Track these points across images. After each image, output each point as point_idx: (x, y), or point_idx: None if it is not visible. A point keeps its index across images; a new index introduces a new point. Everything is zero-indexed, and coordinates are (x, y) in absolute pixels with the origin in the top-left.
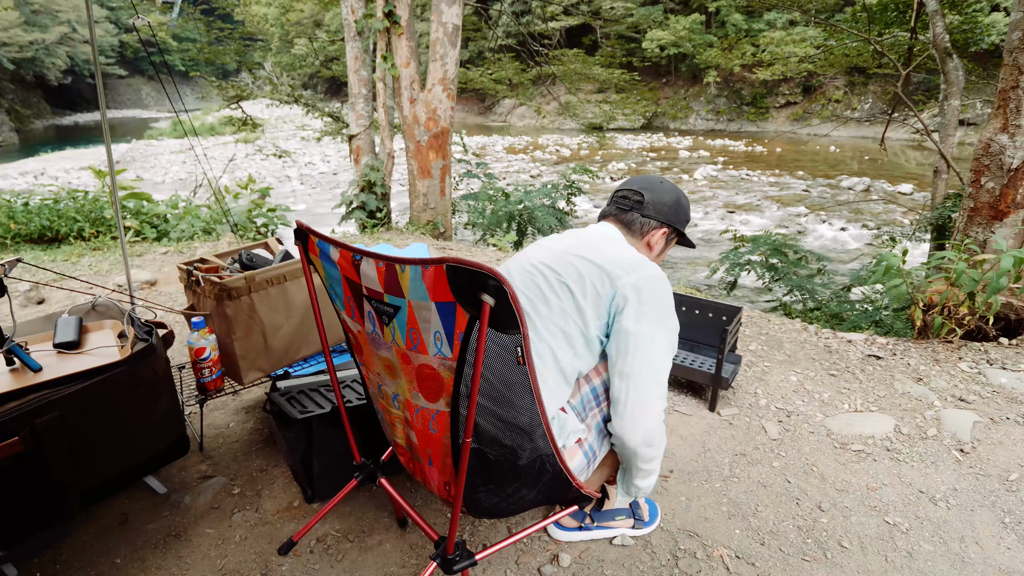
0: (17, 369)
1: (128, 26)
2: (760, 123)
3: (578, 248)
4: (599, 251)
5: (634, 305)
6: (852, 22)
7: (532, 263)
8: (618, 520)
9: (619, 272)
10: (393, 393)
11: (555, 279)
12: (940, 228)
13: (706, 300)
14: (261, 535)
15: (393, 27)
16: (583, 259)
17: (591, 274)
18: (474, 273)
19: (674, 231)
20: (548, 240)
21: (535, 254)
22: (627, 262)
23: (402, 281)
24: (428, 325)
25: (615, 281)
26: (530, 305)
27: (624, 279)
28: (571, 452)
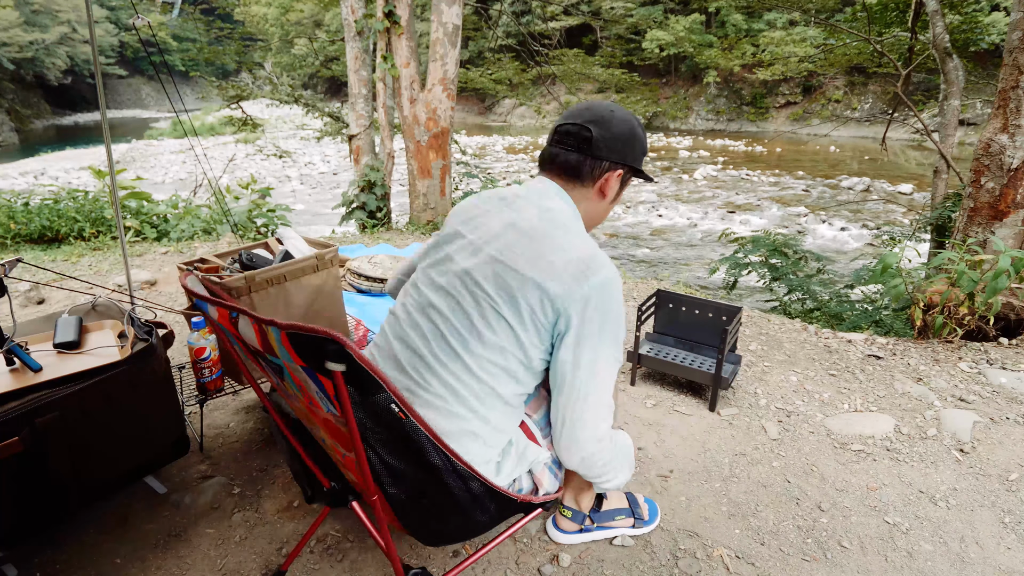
0: (17, 369)
1: (128, 26)
2: (760, 123)
3: (512, 252)
4: (538, 255)
5: (576, 328)
6: (852, 22)
7: (458, 278)
8: (618, 520)
9: (561, 291)
10: (321, 438)
11: (489, 307)
12: (940, 228)
13: (706, 300)
14: (261, 535)
15: (393, 27)
16: (518, 275)
17: (530, 298)
18: (312, 339)
19: (630, 170)
20: (471, 225)
21: (459, 262)
22: (572, 273)
23: (271, 342)
24: (308, 385)
25: (557, 303)
26: (460, 342)
27: (567, 299)
28: (542, 472)
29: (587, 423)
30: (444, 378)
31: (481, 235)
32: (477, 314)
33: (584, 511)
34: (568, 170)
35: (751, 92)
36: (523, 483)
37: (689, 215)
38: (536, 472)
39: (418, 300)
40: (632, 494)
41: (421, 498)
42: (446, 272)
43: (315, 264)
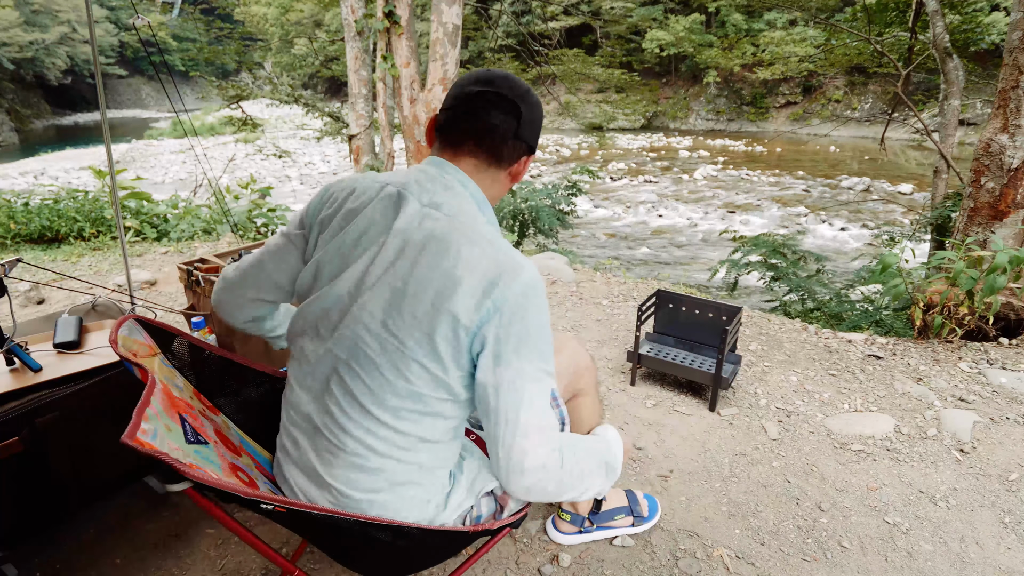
0: (17, 369)
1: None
2: (760, 123)
3: (415, 279)
4: (444, 275)
5: (491, 346)
6: (852, 22)
7: (358, 322)
8: (617, 519)
9: (472, 310)
10: None
11: (398, 352)
12: (940, 228)
13: (706, 300)
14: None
15: (393, 27)
16: (426, 307)
17: (443, 330)
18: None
19: (532, 151)
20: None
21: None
22: (483, 287)
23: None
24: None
25: (471, 325)
26: (370, 397)
27: (479, 317)
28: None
29: (524, 450)
30: (358, 436)
31: (373, 257)
32: (386, 362)
33: (582, 514)
34: (492, 150)
35: (751, 92)
36: (482, 508)
37: (689, 215)
38: (499, 492)
39: (318, 349)
40: (632, 491)
41: (362, 555)
42: (342, 313)
43: None
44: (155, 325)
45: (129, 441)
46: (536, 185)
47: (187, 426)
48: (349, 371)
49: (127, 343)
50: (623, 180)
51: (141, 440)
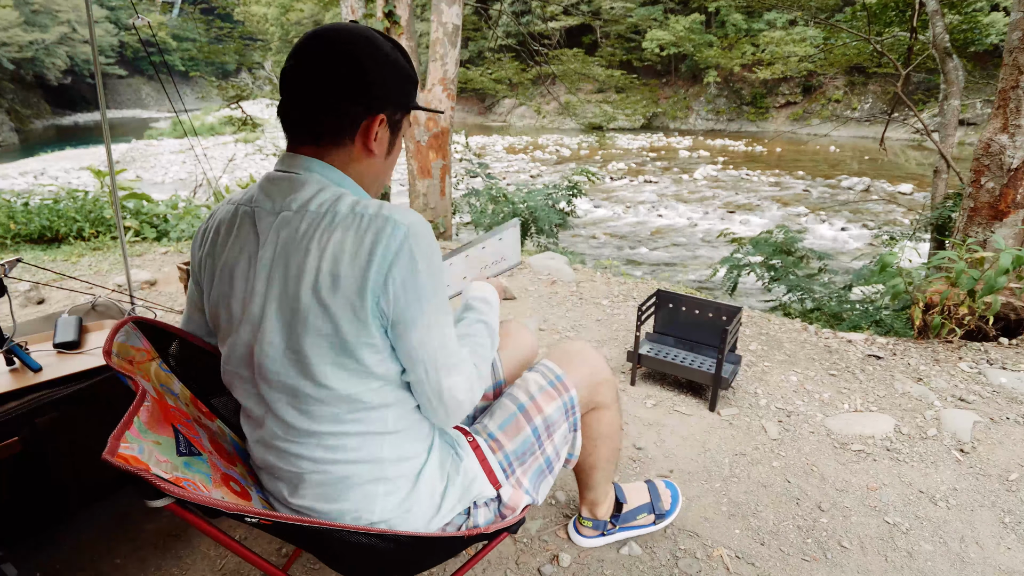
0: (17, 369)
1: (128, 26)
2: (760, 123)
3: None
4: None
5: (393, 313)
6: (852, 22)
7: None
8: (640, 518)
9: (365, 284)
10: None
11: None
12: (940, 228)
13: (706, 300)
14: (261, 535)
15: (393, 27)
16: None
17: (345, 325)
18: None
19: (400, 107)
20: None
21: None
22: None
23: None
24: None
25: (368, 301)
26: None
27: (374, 289)
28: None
29: (452, 388)
30: (312, 456)
31: (251, 287)
32: (307, 381)
33: (603, 519)
34: (311, 130)
35: (751, 92)
36: (479, 518)
37: (689, 215)
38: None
39: (247, 393)
40: (652, 482)
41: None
42: (250, 352)
43: None
44: (155, 325)
45: (109, 458)
46: (536, 185)
47: (180, 437)
48: (279, 403)
49: (123, 350)
50: (623, 180)
51: (123, 455)
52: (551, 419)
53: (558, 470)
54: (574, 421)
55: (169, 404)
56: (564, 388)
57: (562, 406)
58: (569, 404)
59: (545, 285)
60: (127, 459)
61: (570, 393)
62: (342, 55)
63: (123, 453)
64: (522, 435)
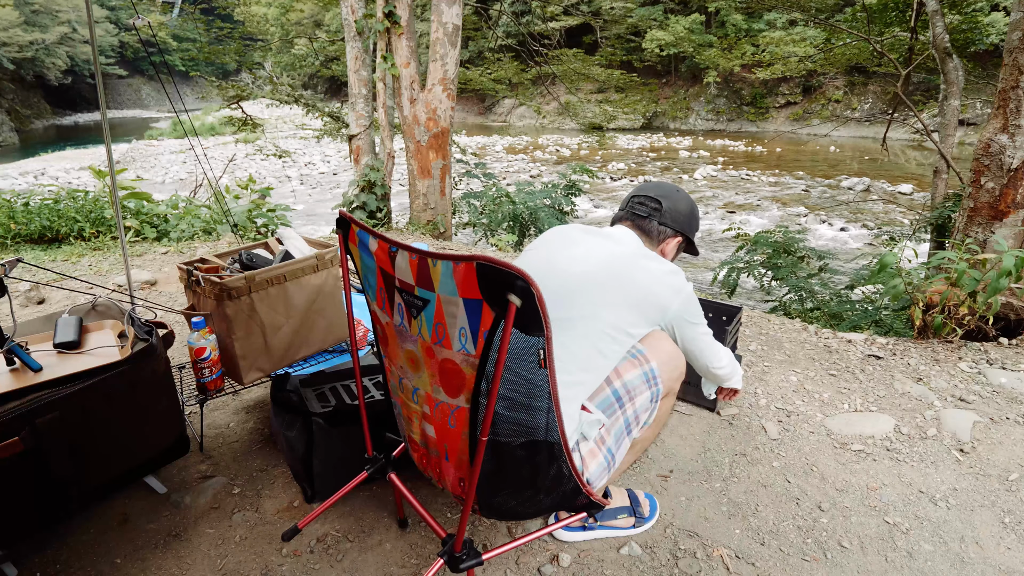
0: (17, 369)
1: (128, 26)
2: (760, 123)
3: (617, 268)
4: (641, 271)
5: (681, 329)
6: (852, 22)
7: (572, 278)
8: (620, 519)
9: (667, 301)
10: (414, 387)
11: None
12: (940, 228)
13: (706, 300)
14: (261, 535)
15: (393, 27)
16: (629, 284)
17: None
18: (503, 272)
19: (686, 240)
20: (571, 246)
21: (569, 267)
22: (671, 286)
23: (433, 276)
24: (455, 320)
25: (664, 312)
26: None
27: (672, 308)
28: (592, 454)
29: (719, 367)
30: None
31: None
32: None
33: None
34: (640, 229)
35: (751, 92)
36: (590, 467)
37: None
38: (584, 452)
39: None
40: (633, 491)
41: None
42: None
43: (315, 264)
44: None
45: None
46: (536, 185)
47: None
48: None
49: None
50: (623, 180)
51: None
52: (631, 384)
53: (636, 435)
54: (656, 392)
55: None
56: (645, 360)
57: (643, 374)
58: (651, 374)
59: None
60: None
61: (651, 364)
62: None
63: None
64: (603, 396)
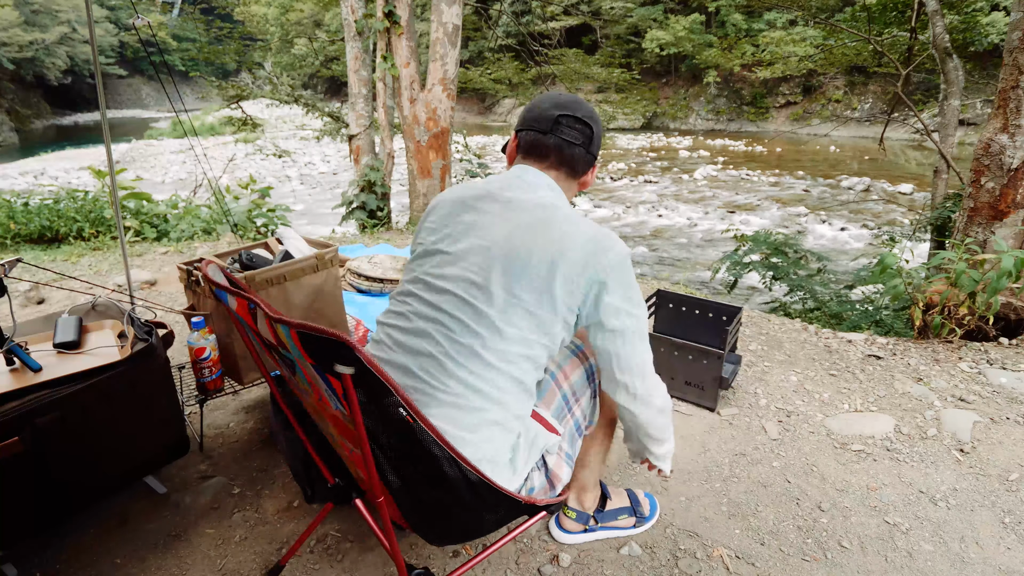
0: (17, 369)
1: (128, 26)
2: (760, 123)
3: (526, 246)
4: (552, 240)
5: (611, 302)
6: (852, 22)
7: (468, 282)
8: (621, 519)
9: (588, 264)
10: (329, 432)
11: (509, 305)
12: (940, 228)
13: (706, 300)
14: (261, 535)
15: (393, 27)
16: (541, 263)
17: (557, 287)
18: (324, 340)
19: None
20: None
21: (467, 262)
22: (592, 249)
23: (281, 338)
24: (317, 381)
25: (585, 275)
26: (478, 341)
27: (596, 271)
28: (559, 465)
29: (656, 385)
30: (461, 377)
31: (485, 235)
32: (496, 313)
33: (588, 511)
34: (568, 164)
35: (751, 92)
36: (534, 481)
37: (689, 215)
38: (551, 465)
39: (420, 308)
40: (632, 491)
41: (428, 498)
42: (452, 276)
43: (315, 264)
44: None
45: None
46: None
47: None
48: (456, 321)
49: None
50: (623, 180)
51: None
52: (576, 385)
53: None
54: (595, 387)
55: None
56: (584, 357)
57: (584, 373)
58: (590, 371)
59: None
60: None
61: (590, 361)
62: (598, 121)
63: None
64: (556, 402)
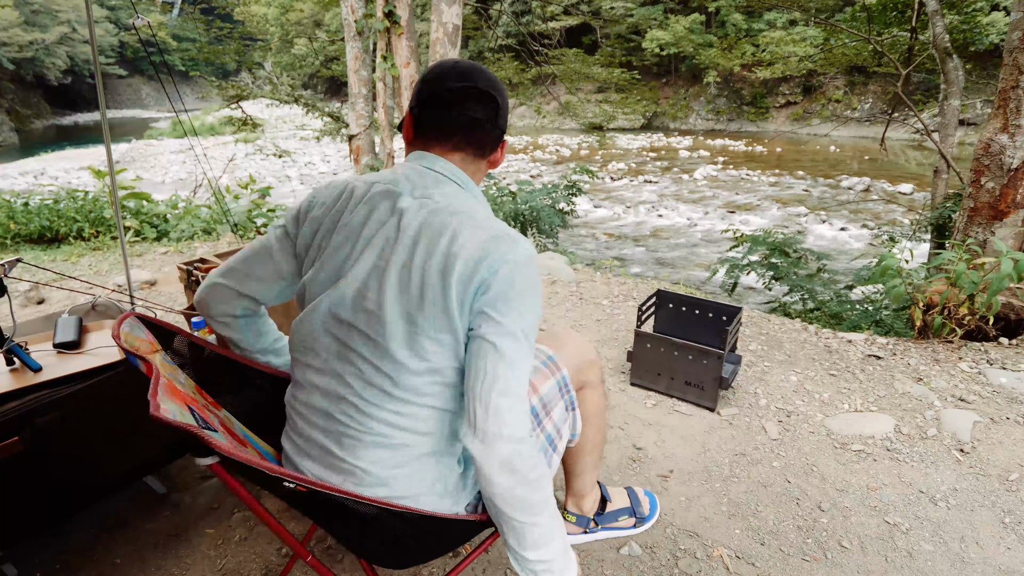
0: (17, 369)
1: (128, 26)
2: (760, 123)
3: (426, 264)
4: (450, 254)
5: (485, 309)
6: (852, 22)
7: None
8: (621, 520)
9: (472, 278)
10: None
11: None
12: (940, 228)
13: (706, 300)
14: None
15: (393, 27)
16: (439, 284)
17: (452, 305)
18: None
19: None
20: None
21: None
22: (479, 259)
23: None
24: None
25: (471, 292)
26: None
27: (477, 284)
28: None
29: (500, 408)
30: (382, 417)
31: (375, 252)
32: (402, 345)
33: (588, 515)
34: (475, 143)
35: (751, 92)
36: None
37: (689, 215)
38: None
39: (328, 343)
40: (632, 489)
41: (372, 541)
42: (351, 305)
43: None
44: (156, 323)
45: (156, 414)
46: (536, 185)
47: (196, 415)
48: (364, 361)
49: (129, 339)
50: (623, 180)
51: (163, 417)
52: (547, 397)
53: (562, 449)
54: (570, 399)
55: (179, 388)
56: (556, 367)
57: (556, 384)
58: (563, 383)
59: (545, 285)
60: (168, 420)
61: (562, 372)
62: (503, 91)
63: (163, 415)
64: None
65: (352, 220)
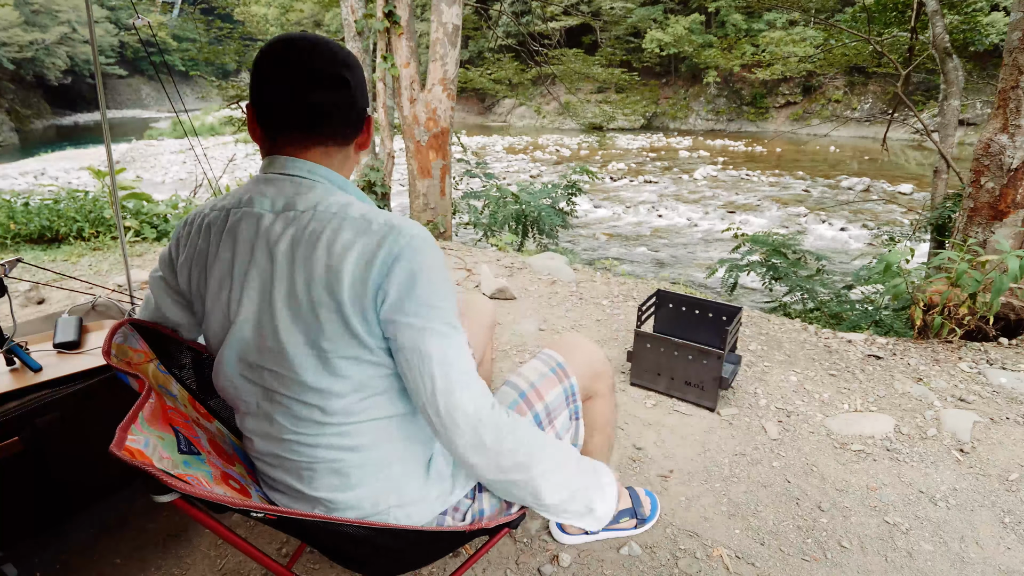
0: (17, 369)
1: (128, 26)
2: (760, 123)
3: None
4: (336, 267)
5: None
6: (852, 22)
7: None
8: (622, 522)
9: (365, 283)
10: None
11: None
12: (940, 228)
13: (706, 300)
14: (261, 535)
15: (393, 27)
16: (330, 305)
17: (352, 319)
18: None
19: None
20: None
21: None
22: (367, 261)
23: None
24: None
25: (370, 298)
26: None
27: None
28: None
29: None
30: (326, 444)
31: (253, 285)
32: (315, 375)
33: None
34: (338, 131)
35: (751, 92)
36: (484, 503)
37: (689, 215)
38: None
39: (248, 387)
40: (633, 489)
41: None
42: (254, 346)
43: None
44: (150, 328)
45: (116, 451)
46: (536, 185)
47: (180, 436)
48: (287, 398)
49: (121, 351)
50: (623, 180)
51: (130, 448)
52: (552, 405)
53: None
54: (575, 409)
55: (167, 405)
56: (565, 375)
57: (563, 393)
58: (570, 391)
59: (545, 285)
60: (133, 452)
61: (571, 380)
62: (355, 65)
63: (130, 446)
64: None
65: (220, 258)
